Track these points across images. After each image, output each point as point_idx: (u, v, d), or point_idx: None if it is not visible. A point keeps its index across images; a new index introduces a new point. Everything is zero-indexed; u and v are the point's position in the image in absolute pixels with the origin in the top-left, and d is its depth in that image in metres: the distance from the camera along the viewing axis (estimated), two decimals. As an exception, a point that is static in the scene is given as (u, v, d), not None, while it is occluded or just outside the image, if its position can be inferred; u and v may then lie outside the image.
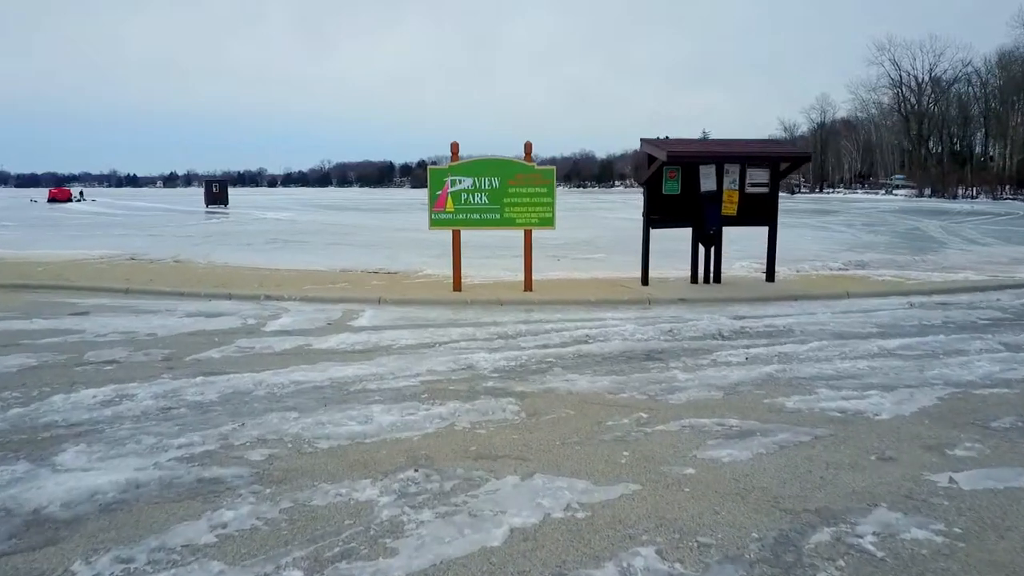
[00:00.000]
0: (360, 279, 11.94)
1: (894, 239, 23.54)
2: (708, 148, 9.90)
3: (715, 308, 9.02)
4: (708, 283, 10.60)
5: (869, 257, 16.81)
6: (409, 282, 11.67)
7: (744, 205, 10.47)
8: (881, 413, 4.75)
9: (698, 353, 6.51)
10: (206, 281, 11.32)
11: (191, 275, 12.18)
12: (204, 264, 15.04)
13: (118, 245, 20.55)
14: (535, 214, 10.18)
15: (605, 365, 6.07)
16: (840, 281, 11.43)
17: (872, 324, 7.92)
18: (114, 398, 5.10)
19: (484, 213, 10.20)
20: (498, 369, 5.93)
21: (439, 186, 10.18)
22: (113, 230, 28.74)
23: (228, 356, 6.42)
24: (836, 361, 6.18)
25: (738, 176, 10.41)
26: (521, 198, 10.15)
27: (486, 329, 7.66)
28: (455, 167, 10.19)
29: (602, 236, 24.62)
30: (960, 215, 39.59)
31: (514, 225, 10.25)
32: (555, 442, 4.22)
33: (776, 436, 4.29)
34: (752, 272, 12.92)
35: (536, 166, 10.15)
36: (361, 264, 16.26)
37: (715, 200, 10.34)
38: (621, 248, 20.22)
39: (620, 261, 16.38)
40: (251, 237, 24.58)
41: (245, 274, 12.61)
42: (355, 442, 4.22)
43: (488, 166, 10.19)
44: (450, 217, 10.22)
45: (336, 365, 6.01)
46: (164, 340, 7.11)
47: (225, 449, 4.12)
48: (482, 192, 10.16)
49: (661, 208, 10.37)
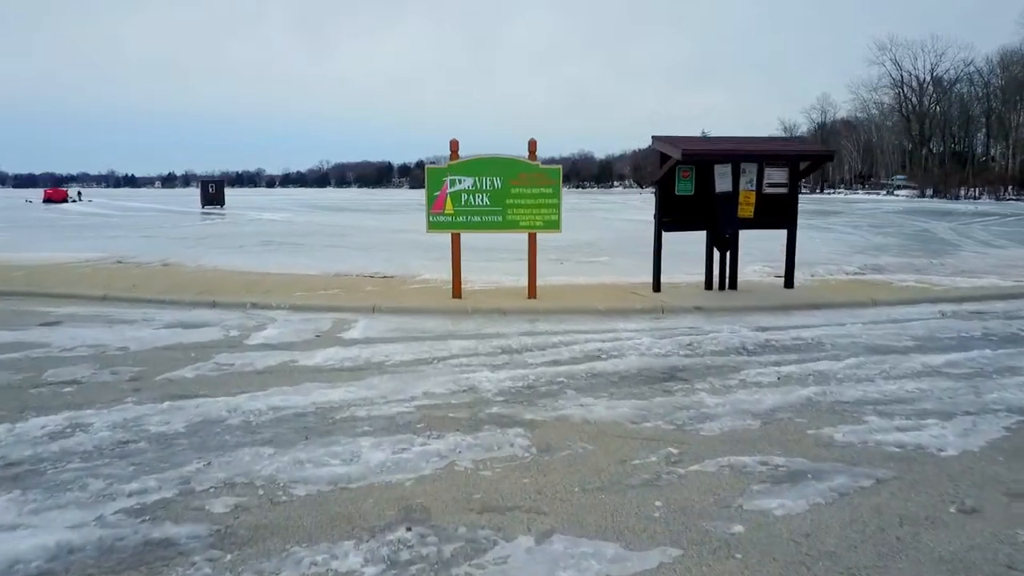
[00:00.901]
0: (354, 284, 11.30)
1: (905, 241, 22.93)
2: (725, 146, 9.28)
3: (734, 318, 8.39)
4: (724, 289, 9.97)
5: (884, 261, 16.20)
6: (406, 288, 11.03)
7: (761, 206, 9.84)
8: (946, 448, 4.12)
9: (724, 371, 5.88)
10: (191, 287, 10.68)
11: (176, 280, 11.54)
12: (192, 268, 14.40)
13: (107, 247, 19.89)
14: (540, 216, 9.55)
15: (623, 386, 5.44)
16: (862, 287, 10.80)
17: (907, 337, 7.29)
18: (66, 428, 4.47)
19: (485, 215, 9.57)
20: (503, 391, 5.30)
21: (437, 186, 9.55)
22: (105, 231, 28.08)
23: (203, 375, 5.78)
24: (879, 381, 5.55)
25: (755, 176, 9.78)
26: (525, 199, 9.52)
27: (488, 342, 7.03)
28: (454, 166, 9.56)
29: (604, 238, 24.02)
30: (966, 216, 39.01)
31: (517, 228, 9.63)
32: (573, 488, 3.59)
33: (832, 480, 3.66)
34: (767, 276, 12.29)
35: (540, 165, 9.52)
36: (357, 268, 15.62)
37: (731, 201, 9.71)
38: (625, 250, 19.61)
39: (625, 265, 15.76)
40: (245, 239, 23.94)
41: (233, 279, 11.96)
42: (338, 488, 3.59)
43: (490, 165, 9.56)
44: (449, 220, 9.59)
45: (321, 387, 5.38)
46: (135, 356, 6.47)
47: (184, 497, 3.48)
48: (483, 193, 9.53)
49: (674, 210, 9.75)
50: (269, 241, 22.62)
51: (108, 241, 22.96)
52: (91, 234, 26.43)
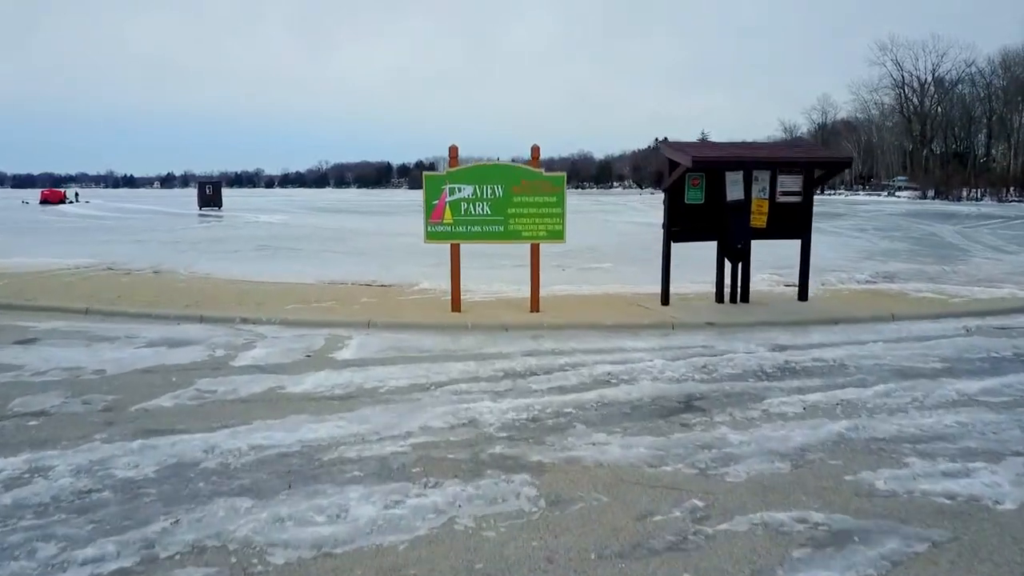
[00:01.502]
0: (350, 294, 10.87)
1: (913, 246, 22.52)
2: (737, 152, 8.85)
3: (749, 334, 7.96)
4: (735, 302, 9.55)
5: (894, 267, 15.78)
6: (403, 299, 10.60)
7: (774, 215, 9.43)
8: (1003, 500, 3.70)
9: (744, 399, 5.45)
10: (179, 299, 10.24)
11: (165, 291, 11.10)
12: (184, 276, 13.97)
13: (99, 252, 19.44)
14: (543, 226, 9.12)
15: (637, 419, 5.01)
16: (878, 299, 10.38)
17: (935, 358, 6.86)
18: (24, 473, 4.04)
19: (486, 225, 9.14)
20: (507, 425, 4.87)
21: (436, 194, 9.12)
22: (98, 235, 27.62)
23: (182, 405, 5.35)
24: (913, 413, 5.13)
25: (768, 184, 9.36)
26: (527, 208, 9.09)
27: (490, 364, 6.60)
28: (454, 173, 9.13)
29: (607, 242, 23.59)
30: (971, 219, 38.62)
31: (520, 238, 9.19)
32: (588, 553, 3.16)
33: (882, 544, 3.23)
34: (778, 286, 11.87)
35: (544, 172, 9.09)
36: (353, 275, 15.19)
37: (743, 210, 9.29)
38: (628, 256, 19.18)
39: (630, 272, 15.34)
40: (240, 243, 23.50)
41: (224, 289, 11.53)
42: (321, 553, 3.16)
43: (491, 172, 9.14)
44: (448, 230, 9.16)
45: (309, 421, 4.94)
46: (112, 381, 6.04)
47: (145, 566, 3.05)
48: (484, 201, 9.10)
49: (683, 219, 9.32)
50: (264, 246, 22.19)
51: (100, 246, 22.52)
52: (84, 238, 25.98)
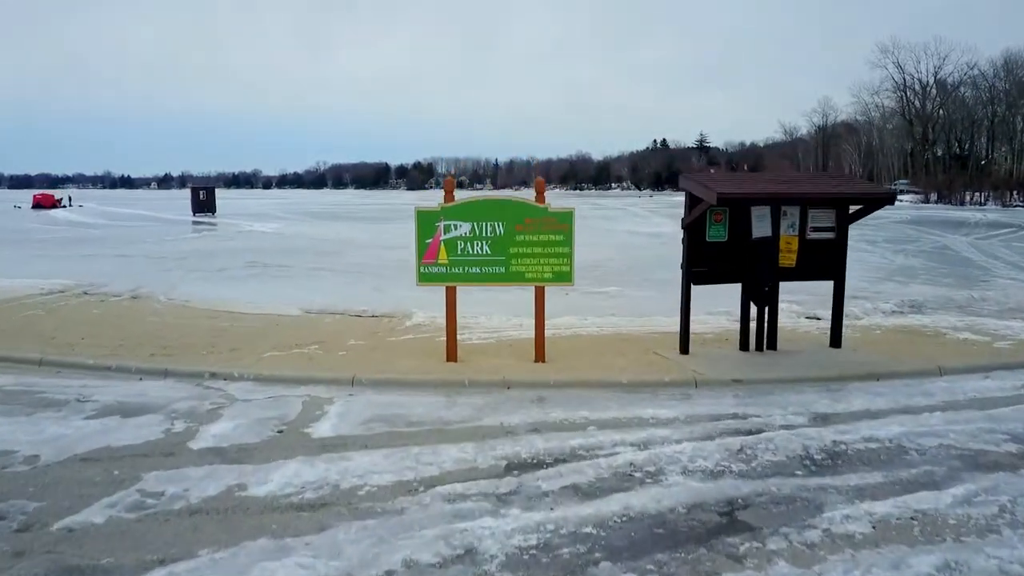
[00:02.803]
0: (336, 334, 9.93)
1: (929, 262, 21.64)
2: (766, 188, 7.90)
3: (783, 396, 7.03)
4: (761, 350, 8.61)
5: (917, 292, 14.86)
6: (394, 339, 9.67)
7: (804, 254, 8.51)
8: None
9: (798, 510, 4.52)
10: (148, 342, 9.30)
11: (134, 330, 10.15)
12: (161, 304, 13.03)
13: (79, 271, 18.50)
14: (549, 267, 8.18)
15: (672, 546, 4.08)
16: (915, 342, 9.45)
17: (1005, 435, 5.94)
18: None
19: (486, 266, 8.20)
20: (512, 559, 3.93)
21: (429, 232, 8.18)
22: (83, 248, 26.68)
23: (117, 520, 4.40)
24: (1008, 535, 4.19)
25: (798, 219, 8.44)
26: (531, 247, 8.16)
27: (490, 448, 5.65)
28: (450, 209, 8.19)
29: (611, 257, 22.66)
30: (980, 227, 37.77)
31: (523, 280, 8.26)
32: None
33: None
34: (800, 322, 10.95)
35: (550, 208, 8.16)
36: (344, 299, 14.31)
37: (770, 248, 8.36)
38: (636, 275, 18.27)
39: (639, 298, 14.43)
40: (229, 258, 22.56)
41: (200, 326, 10.59)
42: None
43: (490, 208, 8.21)
44: (443, 271, 8.22)
45: (267, 552, 4.00)
46: (43, 476, 5.09)
47: None
48: (483, 240, 8.17)
49: (705, 259, 8.39)
50: (253, 262, 21.25)
51: (81, 262, 21.59)
52: (67, 252, 25.05)
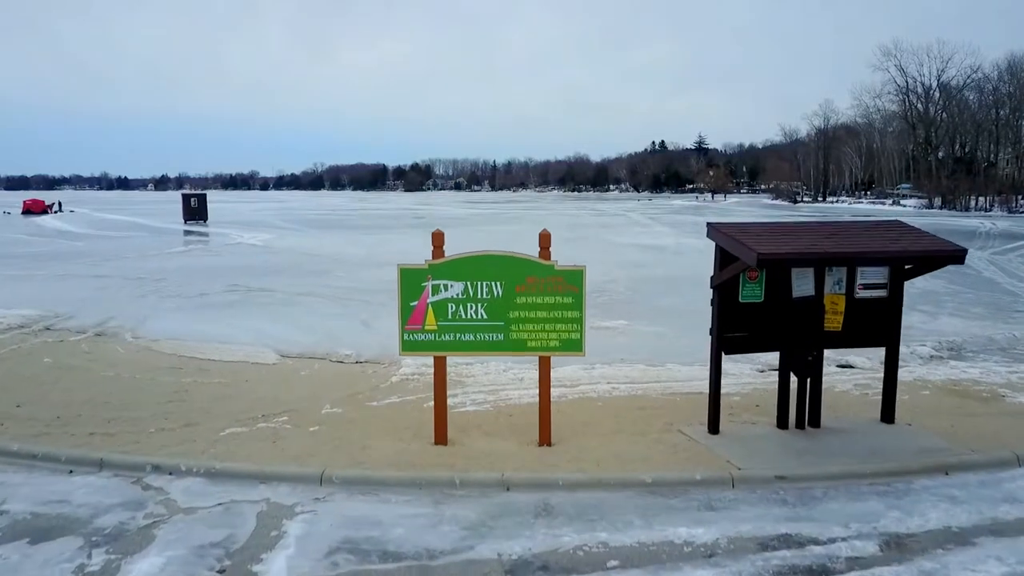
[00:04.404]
0: (311, 396, 8.71)
1: (952, 285, 20.41)
2: (815, 246, 6.65)
3: (842, 504, 5.82)
4: (803, 428, 7.39)
5: (949, 326, 13.65)
6: (376, 406, 8.44)
7: (852, 315, 7.30)
8: None
9: None
10: (93, 411, 8.07)
11: (82, 392, 8.91)
12: (124, 348, 11.81)
13: (48, 298, 17.26)
14: (555, 334, 6.96)
15: None
16: (976, 413, 8.23)
17: None
18: None
19: (481, 332, 6.98)
20: None
21: (415, 293, 6.95)
22: (60, 266, 25.35)
23: None
24: None
25: (845, 274, 7.23)
26: (535, 311, 6.93)
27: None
28: (439, 266, 6.96)
29: (615, 278, 21.37)
30: (992, 239, 36.63)
31: (525, 350, 7.03)
32: None
33: None
34: (831, 372, 9.74)
35: (557, 266, 6.93)
36: (327, 336, 13.15)
37: (813, 309, 7.16)
38: (643, 303, 17.03)
39: (650, 336, 13.24)
40: (211, 279, 21.27)
41: (159, 384, 9.36)
42: None
43: (487, 265, 6.97)
44: (431, 339, 6.99)
45: None
46: None
47: None
48: (478, 302, 6.94)
49: (737, 322, 7.17)
50: (235, 286, 19.96)
51: (55, 284, 20.35)
52: (41, 271, 23.74)
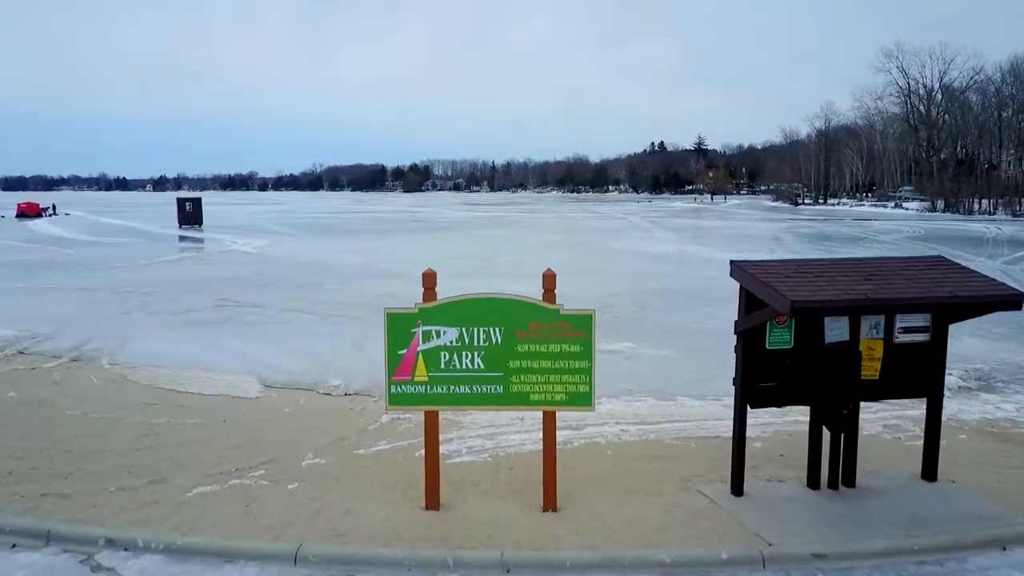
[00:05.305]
0: (294, 441, 7.97)
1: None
2: (853, 290, 5.90)
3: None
4: (836, 488, 6.64)
5: (973, 350, 12.92)
6: (364, 454, 7.70)
7: (890, 361, 6.57)
8: None
9: None
10: (51, 463, 7.33)
11: (42, 437, 8.17)
12: (99, 378, 11.06)
13: (29, 314, 16.53)
14: (561, 386, 6.22)
15: None
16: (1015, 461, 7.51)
17: None
18: None
19: (478, 384, 6.24)
20: None
21: (403, 340, 6.20)
22: (48, 276, 24.57)
23: None
24: None
25: (883, 317, 6.49)
26: (537, 360, 6.19)
27: None
28: (430, 310, 6.21)
29: (617, 291, 20.58)
30: (1001, 246, 35.88)
31: (527, 404, 6.30)
32: None
33: None
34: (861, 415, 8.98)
35: (563, 310, 6.19)
36: (315, 360, 12.42)
37: (848, 356, 6.43)
38: (649, 321, 16.26)
39: (658, 361, 12.48)
40: (200, 292, 20.50)
41: (129, 424, 8.63)
42: None
43: (484, 308, 6.22)
44: (421, 391, 6.24)
45: None
46: None
47: None
48: (475, 350, 6.20)
49: (764, 371, 6.43)
50: (225, 300, 19.19)
51: (37, 298, 19.60)
52: (26, 283, 22.96)
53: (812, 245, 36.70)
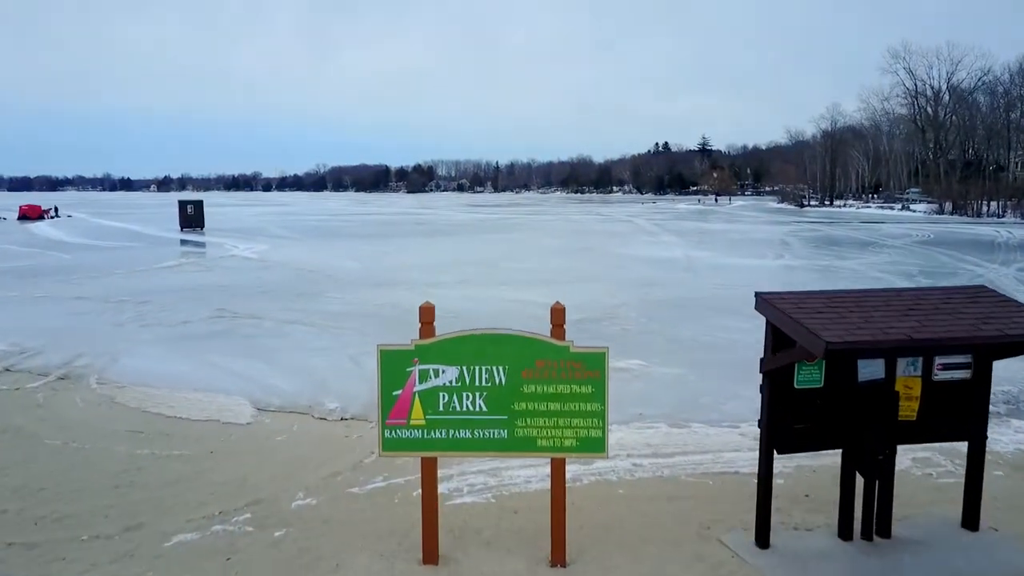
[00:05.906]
0: (284, 475, 7.47)
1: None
2: (891, 330, 5.36)
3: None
4: (869, 538, 6.11)
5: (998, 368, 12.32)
6: (358, 493, 7.19)
7: (929, 400, 6.04)
8: None
9: None
10: (21, 507, 6.83)
11: (16, 474, 7.68)
12: (84, 400, 10.58)
13: (18, 326, 16.09)
14: (571, 431, 5.70)
15: None
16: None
17: None
18: None
19: (479, 428, 5.72)
20: None
21: (398, 380, 5.69)
22: (42, 284, 24.12)
23: None
24: None
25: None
26: (545, 402, 5.67)
27: None
28: (428, 347, 5.69)
29: (624, 301, 20.03)
30: (1012, 249, 35.26)
31: (534, 450, 5.78)
32: None
33: None
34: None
35: (573, 348, 5.66)
36: (312, 380, 11.98)
37: (884, 396, 5.90)
38: (658, 334, 15.68)
39: (669, 380, 11.93)
40: (197, 303, 20.00)
41: (111, 457, 8.14)
42: None
43: (487, 345, 5.71)
44: (418, 436, 5.72)
45: None
46: None
47: None
48: (476, 391, 5.68)
49: (793, 413, 5.90)
50: (222, 311, 18.70)
51: (29, 308, 19.16)
52: (18, 291, 22.50)
53: (821, 250, 36.10)
